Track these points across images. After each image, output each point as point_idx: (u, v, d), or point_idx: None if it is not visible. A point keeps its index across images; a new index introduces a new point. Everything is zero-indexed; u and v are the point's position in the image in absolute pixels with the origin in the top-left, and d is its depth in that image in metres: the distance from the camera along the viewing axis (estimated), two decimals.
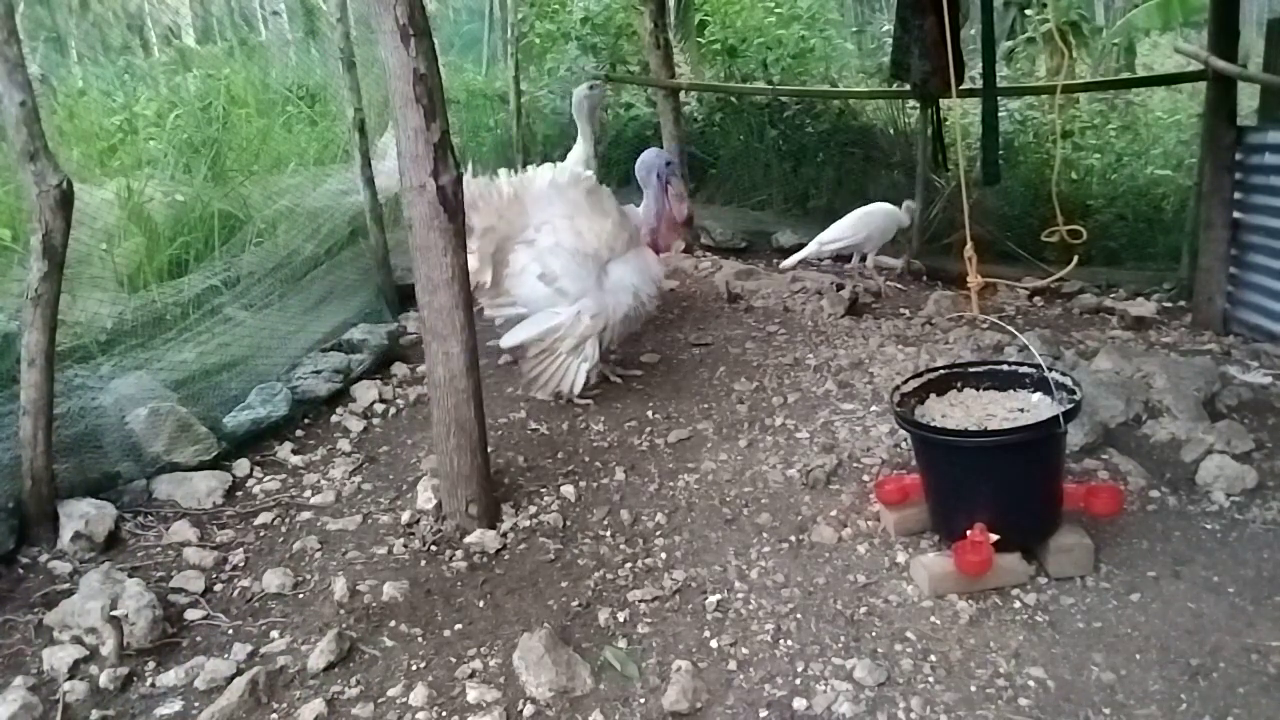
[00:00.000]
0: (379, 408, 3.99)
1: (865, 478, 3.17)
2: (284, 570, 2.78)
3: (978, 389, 2.83)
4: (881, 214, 5.39)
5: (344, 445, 3.67)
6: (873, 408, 3.69)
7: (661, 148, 7.02)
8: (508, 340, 3.95)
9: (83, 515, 2.88)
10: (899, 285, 5.68)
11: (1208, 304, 4.59)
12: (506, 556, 2.84)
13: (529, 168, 4.30)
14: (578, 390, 3.89)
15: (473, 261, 4.00)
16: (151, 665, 2.37)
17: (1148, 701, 2.11)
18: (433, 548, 2.88)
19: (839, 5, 12.10)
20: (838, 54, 9.34)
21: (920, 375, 2.88)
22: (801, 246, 6.76)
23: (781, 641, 2.38)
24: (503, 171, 4.08)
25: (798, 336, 4.72)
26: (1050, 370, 2.67)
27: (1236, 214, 4.46)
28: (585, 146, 5.06)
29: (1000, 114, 5.32)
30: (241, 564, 2.87)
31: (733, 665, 2.31)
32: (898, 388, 2.79)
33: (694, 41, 9.40)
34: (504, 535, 2.93)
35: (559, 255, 3.86)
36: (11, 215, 4.27)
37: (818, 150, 7.72)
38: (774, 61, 8.39)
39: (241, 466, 3.44)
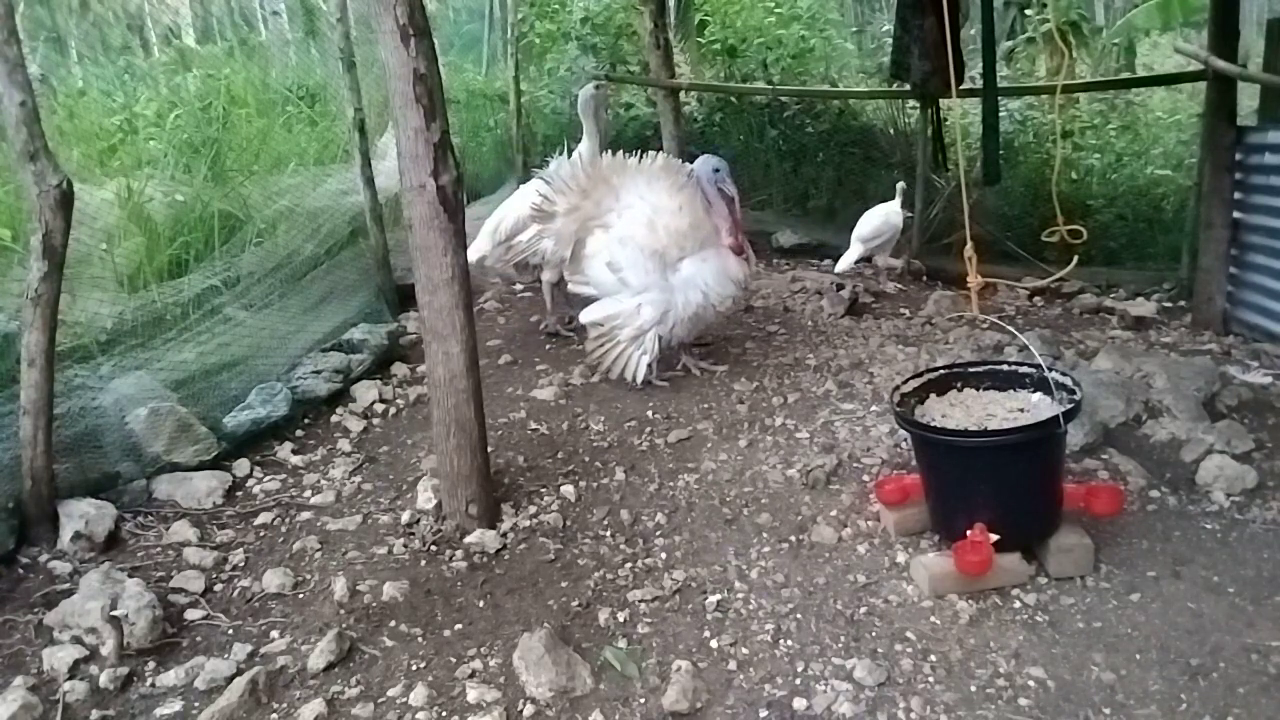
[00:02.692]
0: (379, 408, 3.99)
1: (865, 478, 3.17)
2: (284, 570, 2.78)
3: (978, 389, 2.83)
4: (899, 214, 5.46)
5: (344, 445, 3.67)
6: (873, 408, 3.69)
7: (662, 148, 7.05)
8: (583, 317, 4.14)
9: (83, 515, 2.88)
10: (899, 285, 5.68)
11: (1208, 304, 4.59)
12: (506, 556, 2.84)
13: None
14: (638, 380, 3.99)
15: (548, 242, 4.26)
16: (151, 665, 2.37)
17: (1148, 701, 2.11)
18: (433, 548, 2.88)
19: (839, 5, 12.11)
20: (838, 54, 9.34)
21: (920, 375, 2.88)
22: (802, 246, 6.82)
23: (781, 641, 2.38)
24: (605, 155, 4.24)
25: (798, 336, 4.73)
26: (1050, 370, 2.67)
27: (1236, 214, 4.46)
28: (591, 145, 5.08)
29: (1000, 114, 5.32)
30: (241, 564, 2.87)
31: (733, 665, 2.31)
32: (898, 388, 2.79)
33: (694, 41, 9.40)
34: (504, 535, 2.93)
35: (627, 247, 3.97)
36: (11, 215, 4.26)
37: (818, 150, 7.73)
38: (774, 61, 8.39)
39: (241, 466, 3.44)
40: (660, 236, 3.95)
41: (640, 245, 3.95)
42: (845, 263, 5.40)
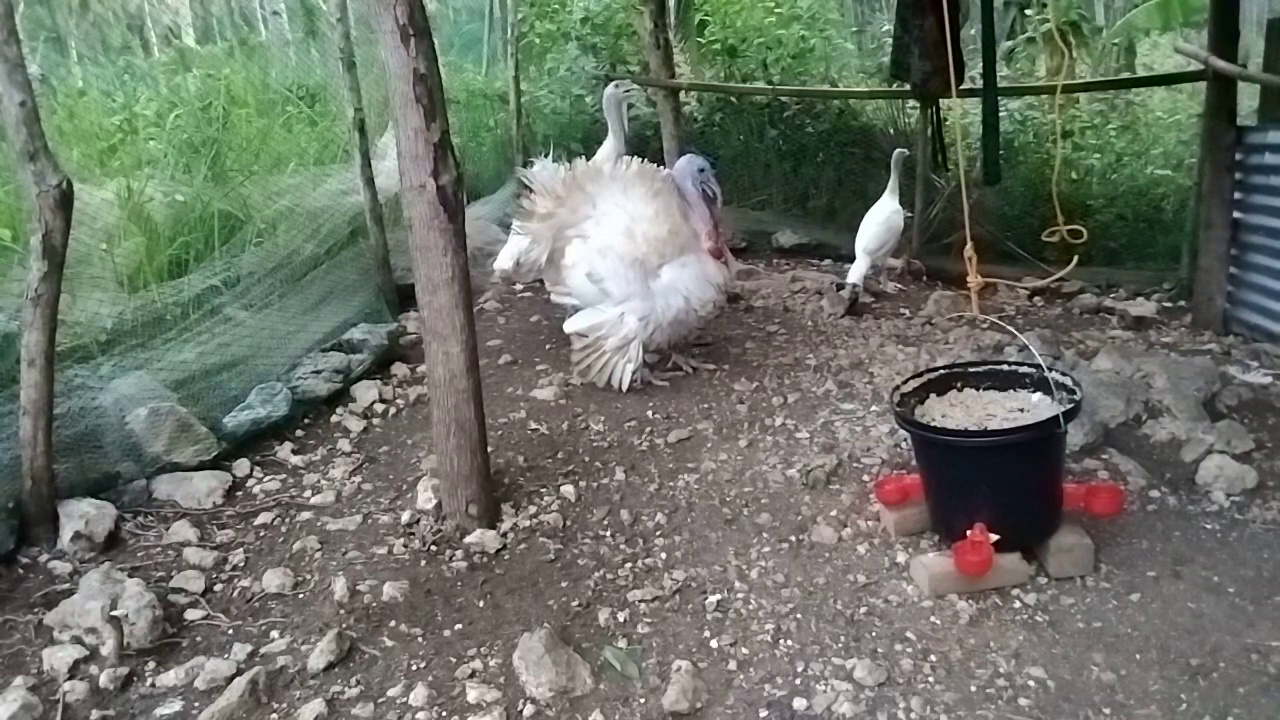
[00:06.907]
0: (379, 408, 3.98)
1: (865, 478, 3.17)
2: (284, 570, 2.78)
3: (978, 389, 2.83)
4: (899, 214, 5.36)
5: (344, 445, 3.67)
6: (873, 408, 3.69)
7: (663, 148, 7.06)
8: (567, 327, 4.13)
9: (83, 515, 2.88)
10: (899, 285, 5.68)
11: (1208, 304, 4.59)
12: (506, 556, 2.84)
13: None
14: (624, 387, 3.98)
15: (524, 241, 4.27)
16: (151, 665, 2.37)
17: (1148, 701, 2.12)
18: (433, 548, 2.88)
19: (839, 5, 12.10)
20: (838, 54, 9.33)
21: (920, 375, 2.89)
22: (802, 246, 6.81)
23: (781, 641, 2.38)
24: (579, 161, 4.27)
25: (798, 336, 4.73)
26: (1050, 370, 2.67)
27: (1236, 214, 4.46)
28: (615, 142, 5.10)
29: (1000, 114, 5.32)
30: (241, 564, 2.87)
31: (733, 665, 2.31)
32: (898, 388, 2.79)
33: (694, 41, 9.40)
34: (504, 535, 2.93)
35: (607, 257, 3.95)
36: (11, 215, 4.26)
37: (818, 150, 7.73)
38: (774, 61, 8.39)
39: (241, 466, 3.44)
40: (639, 244, 3.94)
41: (620, 254, 3.94)
42: (856, 274, 5.39)
